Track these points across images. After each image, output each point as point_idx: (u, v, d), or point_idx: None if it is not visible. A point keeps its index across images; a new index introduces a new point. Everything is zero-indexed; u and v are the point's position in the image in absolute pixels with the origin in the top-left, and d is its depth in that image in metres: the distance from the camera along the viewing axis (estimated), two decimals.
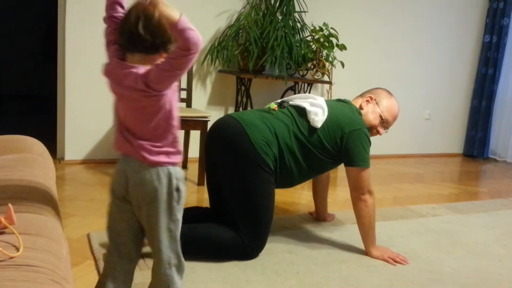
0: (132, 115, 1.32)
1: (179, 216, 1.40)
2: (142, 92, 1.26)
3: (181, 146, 1.40)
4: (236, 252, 2.05)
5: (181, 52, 1.20)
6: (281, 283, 1.89)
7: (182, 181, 1.38)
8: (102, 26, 1.34)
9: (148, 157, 1.32)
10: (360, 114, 2.29)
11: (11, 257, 0.91)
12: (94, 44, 3.47)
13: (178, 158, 1.38)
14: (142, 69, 1.25)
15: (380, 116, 2.34)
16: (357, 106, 2.34)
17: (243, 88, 3.87)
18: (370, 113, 2.32)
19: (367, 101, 2.35)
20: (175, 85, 1.31)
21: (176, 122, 1.35)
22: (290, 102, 2.30)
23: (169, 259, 1.39)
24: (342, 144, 2.15)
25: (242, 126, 2.10)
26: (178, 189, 1.37)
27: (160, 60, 1.27)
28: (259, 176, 2.06)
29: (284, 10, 3.77)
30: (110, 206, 1.42)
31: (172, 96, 1.32)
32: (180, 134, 4.31)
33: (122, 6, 1.34)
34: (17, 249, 0.95)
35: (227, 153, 2.11)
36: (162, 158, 1.34)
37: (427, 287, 1.97)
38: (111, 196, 1.42)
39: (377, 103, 2.35)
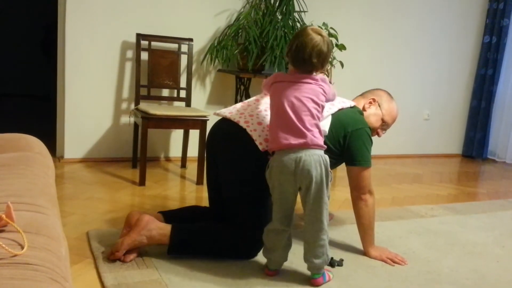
0: None
1: None
2: None
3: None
4: (235, 251, 2.05)
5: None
6: (279, 282, 1.89)
7: None
8: (102, 25, 1.35)
9: None
10: (362, 114, 2.29)
11: (15, 255, 0.90)
12: (94, 43, 3.48)
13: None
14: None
15: (382, 119, 2.34)
16: (360, 106, 2.34)
17: (242, 87, 3.87)
18: (373, 115, 2.33)
19: (370, 103, 2.35)
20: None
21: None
22: None
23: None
24: (345, 143, 2.15)
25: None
26: None
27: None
28: (260, 175, 2.06)
29: (284, 10, 3.77)
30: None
31: None
32: (179, 133, 4.28)
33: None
34: (22, 247, 0.94)
35: (228, 150, 2.10)
36: None
37: None
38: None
39: (379, 105, 2.35)
